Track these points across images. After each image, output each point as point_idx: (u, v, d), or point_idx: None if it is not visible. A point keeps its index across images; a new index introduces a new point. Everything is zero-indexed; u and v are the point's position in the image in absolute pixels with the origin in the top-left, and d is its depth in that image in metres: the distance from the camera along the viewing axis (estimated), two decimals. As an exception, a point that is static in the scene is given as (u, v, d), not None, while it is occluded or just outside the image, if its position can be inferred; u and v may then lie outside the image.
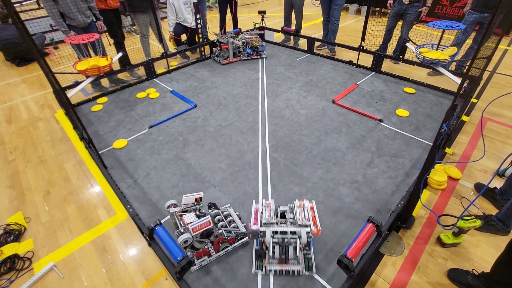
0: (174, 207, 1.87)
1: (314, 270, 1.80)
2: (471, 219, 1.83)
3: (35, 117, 3.60)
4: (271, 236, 1.74)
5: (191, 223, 1.67)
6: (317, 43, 5.14)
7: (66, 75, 4.14)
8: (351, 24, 6.92)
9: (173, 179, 2.52)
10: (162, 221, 1.88)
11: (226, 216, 2.01)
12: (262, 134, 3.04)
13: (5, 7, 2.00)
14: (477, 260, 1.88)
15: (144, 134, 3.11)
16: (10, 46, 4.97)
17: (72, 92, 3.07)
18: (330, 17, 4.81)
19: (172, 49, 5.23)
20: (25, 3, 7.46)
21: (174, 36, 4.83)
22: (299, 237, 1.73)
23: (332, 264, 1.83)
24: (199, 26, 4.57)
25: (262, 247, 1.81)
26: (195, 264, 1.82)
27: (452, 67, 4.18)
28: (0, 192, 2.54)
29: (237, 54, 4.79)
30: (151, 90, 3.96)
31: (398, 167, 2.57)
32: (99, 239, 2.10)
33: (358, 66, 4.44)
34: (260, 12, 5.35)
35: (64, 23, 3.35)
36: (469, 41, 3.93)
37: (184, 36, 5.00)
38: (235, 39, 4.67)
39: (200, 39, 4.71)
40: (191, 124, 3.24)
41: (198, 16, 4.43)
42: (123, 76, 4.42)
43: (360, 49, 4.27)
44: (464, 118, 3.24)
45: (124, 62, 4.25)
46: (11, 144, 3.13)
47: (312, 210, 1.84)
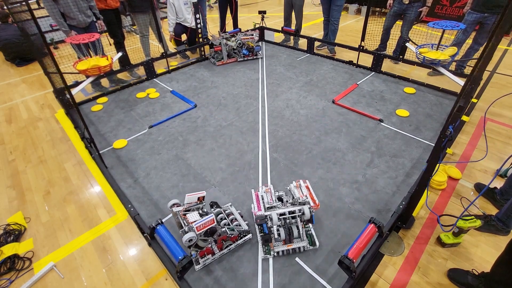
0: (177, 207, 1.87)
1: (317, 244, 1.92)
2: (471, 219, 1.83)
3: (35, 117, 3.60)
4: (278, 218, 1.81)
5: (195, 221, 1.67)
6: (317, 43, 5.14)
7: (66, 75, 4.13)
8: (351, 24, 6.92)
9: (173, 179, 2.52)
10: (163, 220, 1.87)
11: (228, 214, 2.03)
12: (262, 134, 3.04)
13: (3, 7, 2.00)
14: (477, 260, 1.88)
15: (144, 134, 3.11)
16: (10, 46, 4.97)
17: (72, 92, 3.07)
18: (330, 17, 4.81)
19: (172, 49, 5.23)
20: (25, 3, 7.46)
21: (174, 36, 4.83)
22: (303, 213, 1.82)
23: (332, 264, 1.83)
24: (199, 26, 4.57)
25: (270, 232, 1.89)
26: (199, 263, 1.82)
27: (452, 67, 4.18)
28: (0, 192, 2.54)
29: (233, 55, 4.76)
30: (151, 90, 3.96)
31: (398, 167, 2.57)
32: (99, 239, 2.10)
33: (358, 66, 4.44)
34: (260, 12, 5.35)
35: (65, 23, 3.35)
36: (469, 41, 3.93)
37: (184, 36, 5.00)
38: (229, 40, 4.62)
39: (200, 39, 4.70)
40: (191, 124, 3.24)
41: (198, 16, 4.43)
42: (123, 76, 4.42)
43: (360, 49, 4.27)
44: (464, 118, 3.24)
45: (124, 62, 4.25)
46: (11, 144, 3.13)
47: (308, 188, 1.97)
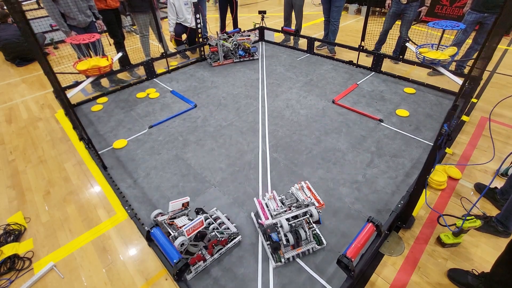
0: (162, 216, 1.86)
1: (324, 243, 1.92)
2: (471, 219, 1.83)
3: (35, 117, 3.60)
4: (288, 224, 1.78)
5: (184, 225, 1.67)
6: (317, 43, 5.14)
7: (66, 75, 4.14)
8: (351, 24, 6.92)
9: (173, 179, 2.52)
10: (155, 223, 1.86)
11: (216, 218, 2.01)
12: (262, 134, 3.04)
13: (5, 6, 2.00)
14: (477, 260, 1.88)
15: (144, 134, 3.11)
16: (10, 46, 4.97)
17: (72, 92, 3.07)
18: (330, 18, 4.81)
19: (172, 49, 5.23)
20: (25, 3, 7.46)
21: (174, 36, 4.82)
22: (311, 215, 1.80)
23: (332, 264, 1.83)
24: (199, 26, 4.57)
25: (280, 239, 1.84)
26: (191, 272, 1.80)
27: (452, 67, 4.18)
28: (0, 192, 2.54)
29: (229, 56, 4.74)
30: (151, 90, 3.96)
31: (398, 167, 2.57)
32: (99, 239, 2.10)
33: (358, 66, 4.44)
34: (260, 12, 5.35)
35: (65, 24, 3.35)
36: (469, 41, 3.93)
37: (184, 36, 5.00)
38: (226, 41, 4.60)
39: (200, 39, 4.70)
40: (191, 124, 3.24)
41: (198, 16, 4.42)
42: (123, 76, 4.42)
43: (360, 49, 4.27)
44: (464, 118, 3.24)
45: (124, 62, 4.25)
46: (11, 144, 3.13)
47: (309, 189, 1.96)
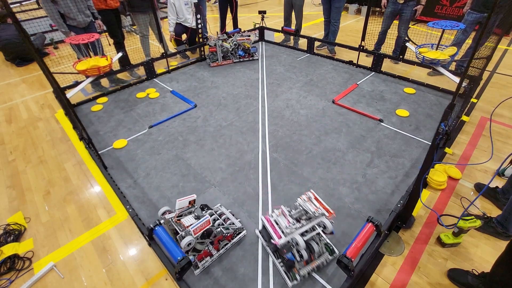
0: (169, 213, 1.87)
1: (336, 252, 1.87)
2: (471, 219, 1.83)
3: (35, 117, 3.60)
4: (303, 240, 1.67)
5: (191, 225, 1.68)
6: (317, 43, 5.14)
7: (66, 75, 4.14)
8: (351, 24, 6.92)
9: (173, 179, 2.52)
10: (161, 221, 1.87)
11: (220, 214, 2.03)
12: (262, 134, 3.04)
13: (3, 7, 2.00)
14: (477, 260, 1.88)
15: (144, 134, 3.11)
16: (10, 46, 4.97)
17: (72, 92, 3.07)
18: (330, 18, 4.82)
19: (172, 49, 5.23)
20: (25, 3, 7.47)
21: (175, 36, 4.82)
22: (324, 227, 1.74)
23: (332, 264, 1.83)
24: (199, 26, 4.57)
25: (294, 257, 1.73)
26: (198, 267, 1.81)
27: (452, 67, 4.19)
28: (0, 192, 2.54)
29: (229, 56, 4.73)
30: (151, 90, 3.96)
31: (398, 167, 2.57)
32: (99, 239, 2.10)
33: (358, 66, 4.44)
34: (260, 12, 5.35)
35: (64, 24, 3.34)
36: (468, 41, 3.93)
37: (184, 36, 5.00)
38: (225, 42, 4.58)
39: (200, 39, 4.70)
40: (191, 124, 3.24)
41: (198, 16, 4.42)
42: (123, 76, 4.42)
43: (360, 49, 4.27)
44: (464, 118, 3.24)
45: (124, 62, 4.25)
46: (11, 144, 3.13)
47: (317, 200, 1.86)
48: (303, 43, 5.36)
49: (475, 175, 2.52)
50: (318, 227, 1.76)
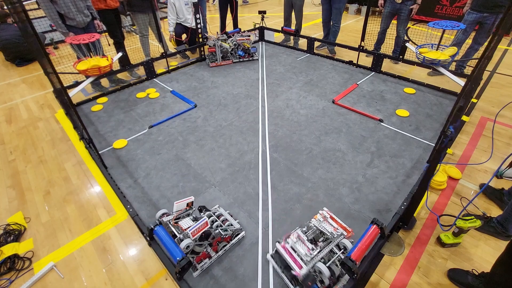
0: (167, 216, 1.87)
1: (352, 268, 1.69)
2: (471, 219, 1.83)
3: (35, 117, 3.60)
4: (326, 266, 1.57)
5: (189, 227, 1.67)
6: (317, 43, 5.14)
7: (66, 75, 4.13)
8: (351, 24, 6.92)
9: (173, 179, 2.52)
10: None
11: (219, 216, 2.02)
12: (262, 134, 3.03)
13: (5, 6, 2.00)
14: (477, 260, 1.88)
15: (144, 134, 3.11)
16: (10, 46, 4.96)
17: (73, 92, 3.07)
18: (331, 20, 4.82)
19: (172, 49, 5.23)
20: (25, 3, 7.45)
21: (174, 36, 4.82)
22: (345, 248, 1.67)
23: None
24: (199, 26, 4.57)
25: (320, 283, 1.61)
26: (196, 269, 1.81)
27: (452, 67, 4.19)
28: (0, 192, 2.54)
29: (228, 57, 4.72)
30: (151, 90, 3.96)
31: (398, 167, 2.57)
32: (99, 239, 2.10)
33: (358, 66, 4.44)
34: (260, 12, 5.35)
35: (62, 25, 3.34)
36: (468, 41, 3.93)
37: (184, 36, 5.00)
38: (225, 42, 4.57)
39: (200, 39, 4.70)
40: (191, 124, 3.24)
41: (198, 16, 4.42)
42: (123, 76, 4.42)
43: (360, 49, 4.27)
44: (464, 118, 3.24)
45: (124, 62, 4.25)
46: (11, 144, 3.13)
47: (333, 219, 1.78)
48: (303, 43, 5.37)
49: (475, 175, 2.52)
50: (338, 249, 1.68)
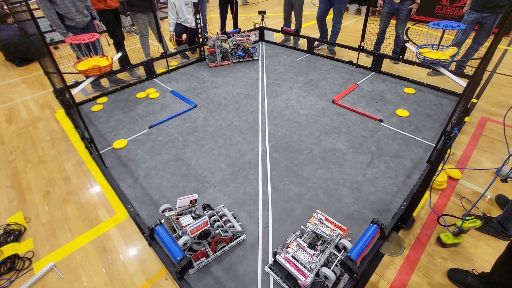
0: (169, 211, 1.87)
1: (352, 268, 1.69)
2: (471, 219, 1.83)
3: (35, 117, 3.60)
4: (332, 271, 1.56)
5: (188, 225, 1.67)
6: (315, 43, 5.13)
7: (66, 75, 4.13)
8: (351, 24, 6.92)
9: (173, 179, 2.52)
10: (162, 221, 1.88)
11: (221, 216, 2.02)
12: (262, 134, 3.03)
13: (6, 6, 2.01)
14: (477, 260, 1.88)
15: (144, 134, 3.11)
16: (10, 46, 4.96)
17: (73, 92, 3.06)
18: (332, 20, 4.83)
19: (172, 49, 5.23)
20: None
21: (174, 36, 4.82)
22: (344, 248, 1.69)
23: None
24: (199, 26, 4.56)
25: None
26: (193, 266, 1.81)
27: (452, 67, 4.19)
28: (0, 192, 2.54)
29: (228, 57, 4.71)
30: (151, 90, 3.96)
31: (398, 167, 2.57)
32: (99, 239, 2.10)
33: (358, 66, 4.44)
34: (260, 12, 5.35)
35: (61, 25, 3.34)
36: (468, 41, 3.93)
37: (184, 36, 5.00)
38: (225, 42, 4.55)
39: (200, 39, 4.70)
40: (191, 124, 3.24)
41: (198, 16, 4.42)
42: (123, 76, 4.41)
43: (360, 49, 4.27)
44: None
45: (124, 62, 4.25)
46: (11, 144, 3.13)
47: (328, 220, 1.79)
48: (303, 43, 5.36)
49: (475, 176, 2.52)
50: (338, 251, 1.70)
